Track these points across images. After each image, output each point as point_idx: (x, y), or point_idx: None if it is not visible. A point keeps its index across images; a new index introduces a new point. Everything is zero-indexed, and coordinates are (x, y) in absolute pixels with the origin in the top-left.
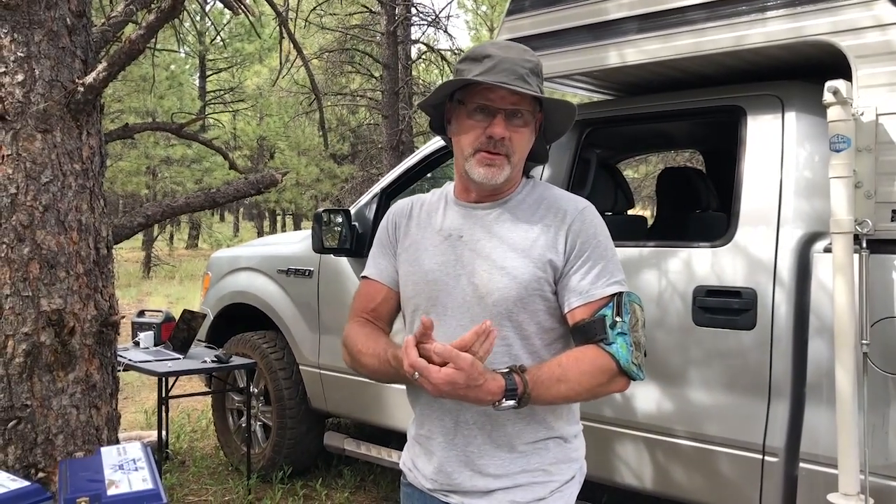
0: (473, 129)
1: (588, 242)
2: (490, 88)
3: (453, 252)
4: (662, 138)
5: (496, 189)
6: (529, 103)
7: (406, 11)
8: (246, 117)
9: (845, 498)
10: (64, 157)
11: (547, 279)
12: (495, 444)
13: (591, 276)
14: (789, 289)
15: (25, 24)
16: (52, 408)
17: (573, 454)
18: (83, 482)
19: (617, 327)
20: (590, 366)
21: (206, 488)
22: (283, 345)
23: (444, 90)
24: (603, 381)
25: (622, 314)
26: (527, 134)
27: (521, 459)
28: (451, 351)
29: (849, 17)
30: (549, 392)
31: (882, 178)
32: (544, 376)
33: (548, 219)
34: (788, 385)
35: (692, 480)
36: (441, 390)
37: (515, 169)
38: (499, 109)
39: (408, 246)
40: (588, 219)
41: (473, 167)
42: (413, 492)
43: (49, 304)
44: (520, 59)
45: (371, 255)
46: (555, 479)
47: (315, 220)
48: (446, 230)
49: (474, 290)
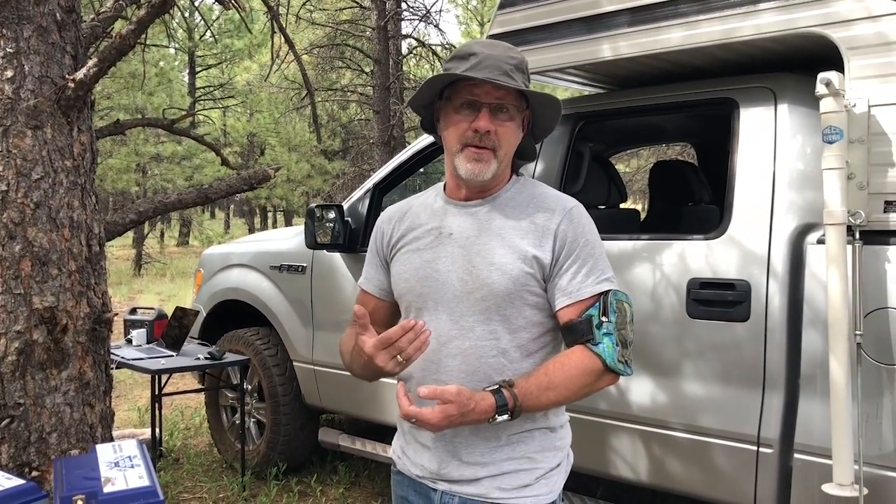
0: (460, 123)
1: (576, 242)
2: (475, 84)
3: (443, 249)
4: (655, 131)
5: (485, 186)
6: (514, 98)
7: (396, 6)
8: (236, 114)
9: (840, 488)
10: (55, 154)
11: (534, 275)
12: (482, 436)
13: (580, 276)
14: (783, 280)
15: (14, 20)
16: (46, 406)
17: (558, 443)
18: (79, 480)
19: (603, 327)
20: (576, 369)
21: (201, 485)
22: (277, 341)
23: (430, 87)
24: (590, 382)
25: (608, 314)
26: (512, 128)
27: (507, 448)
28: (435, 389)
29: (840, 8)
30: (540, 401)
31: (874, 170)
32: (532, 387)
33: (536, 217)
34: (783, 376)
35: (687, 472)
36: (439, 426)
37: (503, 164)
38: (484, 104)
39: (400, 246)
40: (576, 218)
41: (461, 163)
42: (403, 479)
43: (41, 301)
44: (504, 55)
45: (364, 264)
46: (540, 467)
47: (308, 216)
48: (437, 228)
49: (463, 286)
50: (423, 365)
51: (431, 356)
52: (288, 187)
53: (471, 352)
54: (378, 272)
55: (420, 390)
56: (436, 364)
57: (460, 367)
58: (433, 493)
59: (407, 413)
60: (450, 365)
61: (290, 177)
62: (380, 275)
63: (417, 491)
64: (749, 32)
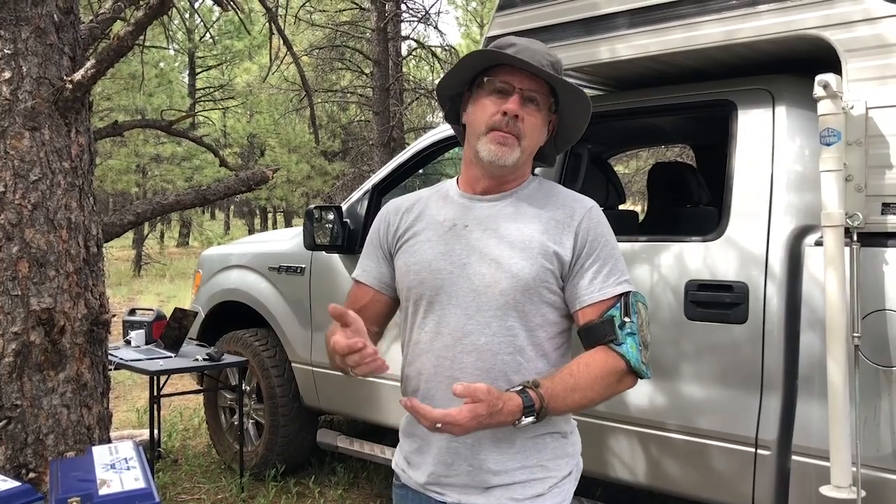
0: (489, 106)
1: (597, 241)
2: (511, 72)
3: (458, 242)
4: (654, 133)
5: (504, 177)
6: (546, 95)
7: (396, 8)
8: (236, 115)
9: (837, 490)
10: (53, 155)
11: (553, 272)
12: (494, 436)
13: (601, 276)
14: (781, 282)
15: (12, 21)
16: (43, 407)
17: (570, 449)
18: (74, 482)
19: (626, 327)
20: (601, 370)
21: (199, 486)
22: (276, 342)
23: (466, 67)
24: (613, 383)
25: (630, 314)
26: (540, 120)
27: (520, 455)
28: (468, 386)
29: (839, 10)
30: (565, 402)
31: (872, 172)
32: (558, 388)
33: (556, 214)
34: (780, 378)
35: (685, 474)
36: (468, 427)
37: (525, 154)
38: (517, 89)
39: (407, 238)
40: (596, 218)
41: (485, 144)
42: (406, 493)
43: (39, 303)
44: (543, 50)
45: (361, 256)
46: (552, 476)
47: (306, 217)
48: (450, 220)
49: (481, 279)
50: (435, 361)
51: (445, 352)
52: (288, 188)
53: (486, 348)
54: (379, 264)
55: (455, 387)
56: (450, 360)
57: (475, 363)
58: None
59: (433, 418)
60: (464, 361)
61: (290, 178)
62: (381, 267)
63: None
64: (748, 34)
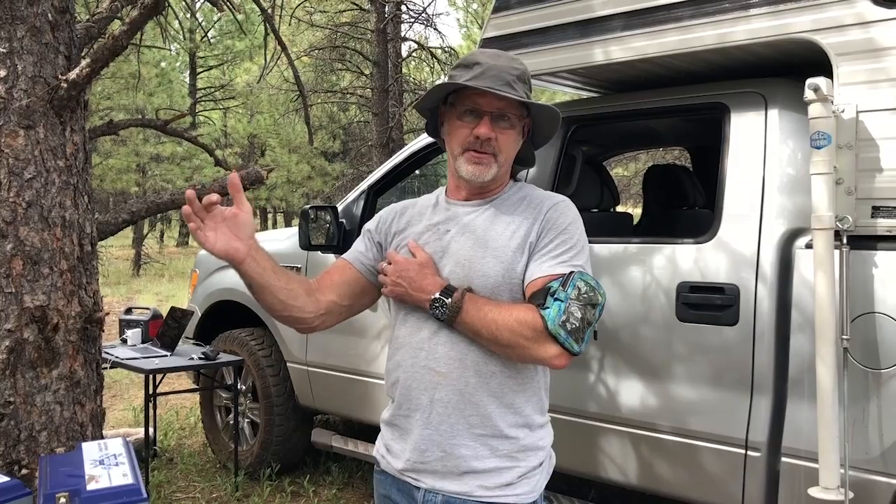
0: (462, 129)
1: (556, 228)
2: (479, 93)
3: (439, 243)
4: (649, 135)
5: (484, 187)
6: (516, 108)
7: (396, 8)
8: (237, 115)
9: (825, 492)
10: (47, 154)
11: (526, 264)
12: (468, 423)
13: (551, 256)
14: (772, 284)
15: (7, 20)
16: (36, 404)
17: (539, 442)
18: (63, 477)
19: (556, 295)
20: (519, 315)
21: (194, 485)
22: (271, 342)
23: (435, 93)
24: (525, 335)
25: (567, 288)
26: (513, 136)
27: (491, 445)
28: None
29: (830, 14)
30: (479, 313)
31: (862, 175)
32: (481, 300)
33: (527, 213)
34: (771, 380)
35: (676, 475)
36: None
37: (503, 168)
38: (486, 112)
39: (400, 239)
40: (562, 210)
41: (463, 165)
42: (385, 478)
43: (32, 300)
44: (507, 66)
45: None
46: (521, 465)
47: (302, 217)
48: (435, 224)
49: (455, 277)
50: (412, 353)
51: (421, 344)
52: (288, 188)
53: (459, 339)
54: (366, 248)
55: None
56: (426, 351)
57: (449, 353)
58: (416, 492)
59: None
60: (439, 352)
61: (290, 178)
62: (367, 250)
63: (400, 489)
64: (741, 37)
